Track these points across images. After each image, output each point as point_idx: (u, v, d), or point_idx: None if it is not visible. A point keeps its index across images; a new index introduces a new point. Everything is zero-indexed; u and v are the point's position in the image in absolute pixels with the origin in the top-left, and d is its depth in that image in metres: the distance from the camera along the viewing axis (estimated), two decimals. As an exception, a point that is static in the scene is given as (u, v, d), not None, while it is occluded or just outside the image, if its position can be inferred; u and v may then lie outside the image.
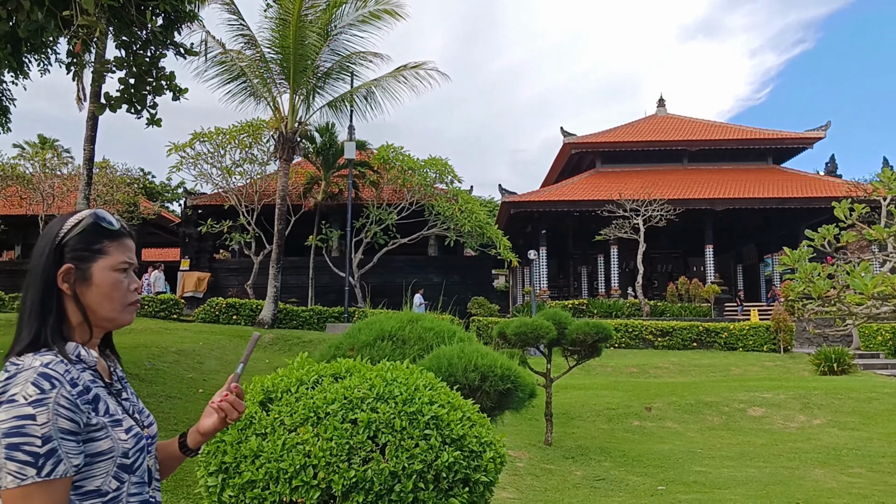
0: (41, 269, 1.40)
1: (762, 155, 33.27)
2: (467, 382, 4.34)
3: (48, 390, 1.27)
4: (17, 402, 1.25)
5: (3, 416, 1.24)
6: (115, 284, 1.45)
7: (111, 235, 1.47)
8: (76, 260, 1.41)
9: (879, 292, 5.04)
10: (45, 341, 1.36)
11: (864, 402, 12.40)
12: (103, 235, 1.46)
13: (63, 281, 1.40)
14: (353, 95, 20.61)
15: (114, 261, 1.46)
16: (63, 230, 1.42)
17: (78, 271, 1.41)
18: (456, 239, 24.94)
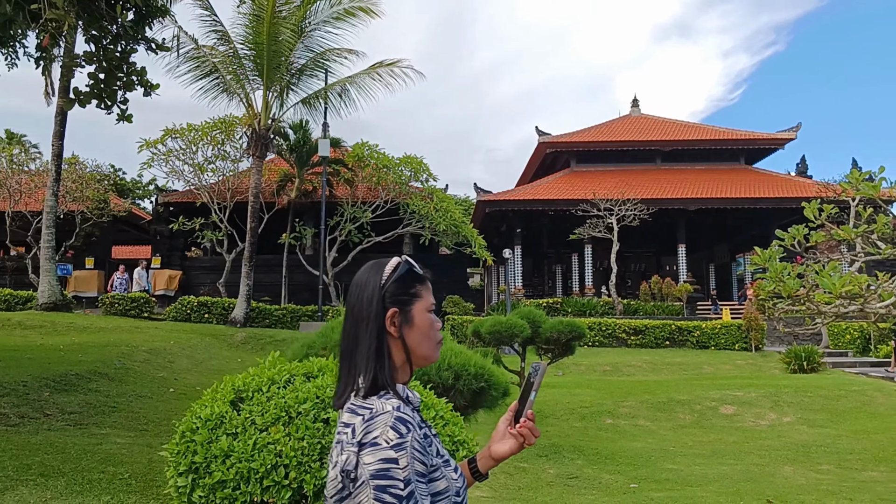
0: (373, 315, 1.50)
1: (734, 155, 33.69)
2: (441, 381, 4.32)
3: (405, 434, 1.34)
4: (381, 445, 1.32)
5: (370, 458, 1.32)
6: (431, 324, 1.56)
7: (421, 279, 1.61)
8: (398, 304, 1.52)
9: (847, 291, 5.12)
10: (383, 384, 1.45)
11: (832, 399, 12.61)
12: (416, 280, 1.59)
13: (391, 324, 1.50)
14: (327, 92, 20.49)
15: (427, 303, 1.58)
16: (383, 278, 1.55)
17: (402, 314, 1.52)
18: (431, 237, 24.92)
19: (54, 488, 4.98)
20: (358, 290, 1.56)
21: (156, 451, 5.99)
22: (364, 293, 1.54)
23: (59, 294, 18.34)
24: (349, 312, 1.55)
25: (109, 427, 7.63)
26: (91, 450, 6.24)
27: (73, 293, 23.09)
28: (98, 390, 9.22)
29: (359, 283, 1.57)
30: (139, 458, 6.12)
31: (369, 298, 1.52)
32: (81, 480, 5.24)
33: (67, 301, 18.97)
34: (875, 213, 6.10)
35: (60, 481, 5.16)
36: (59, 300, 18.01)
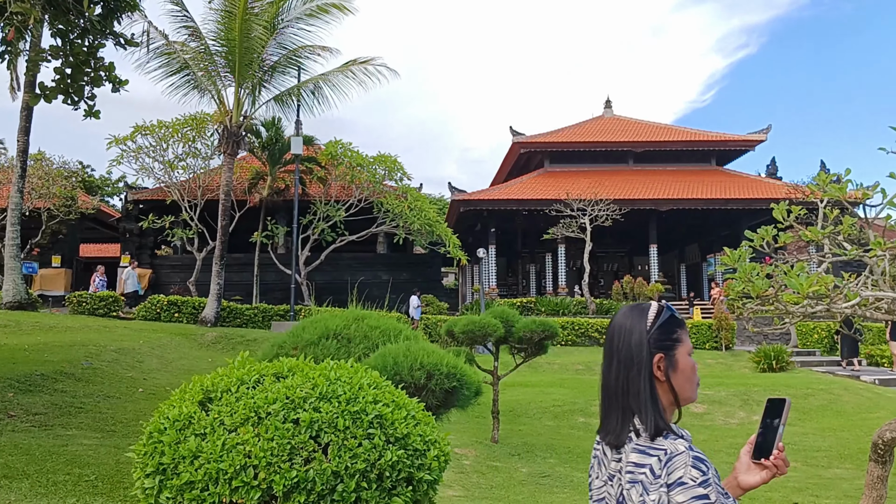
0: (643, 361, 1.61)
1: (706, 156, 34.10)
2: (413, 381, 4.31)
3: (706, 471, 1.48)
4: (689, 483, 1.46)
5: (682, 497, 1.46)
6: (693, 368, 1.66)
7: (681, 324, 1.68)
8: (663, 349, 1.63)
9: (814, 292, 5.20)
10: (664, 426, 1.57)
11: (800, 398, 12.81)
12: (677, 325, 1.67)
13: (657, 369, 1.60)
14: (300, 90, 20.35)
15: (688, 347, 1.67)
16: (648, 323, 1.63)
17: (667, 359, 1.62)
18: (405, 236, 24.90)
19: (18, 490, 4.88)
20: (623, 335, 1.64)
21: (123, 453, 5.90)
22: (631, 338, 1.62)
23: (25, 293, 17.98)
24: (614, 356, 1.64)
25: (76, 428, 7.49)
26: (56, 451, 6.12)
27: (39, 292, 22.68)
28: (64, 391, 9.05)
29: (623, 328, 1.65)
30: (106, 460, 6.01)
31: (637, 344, 1.61)
32: (46, 482, 5.13)
33: (33, 300, 18.62)
34: (841, 215, 6.20)
35: (24, 483, 5.05)
36: (25, 299, 17.66)
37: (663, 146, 33.25)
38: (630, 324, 1.66)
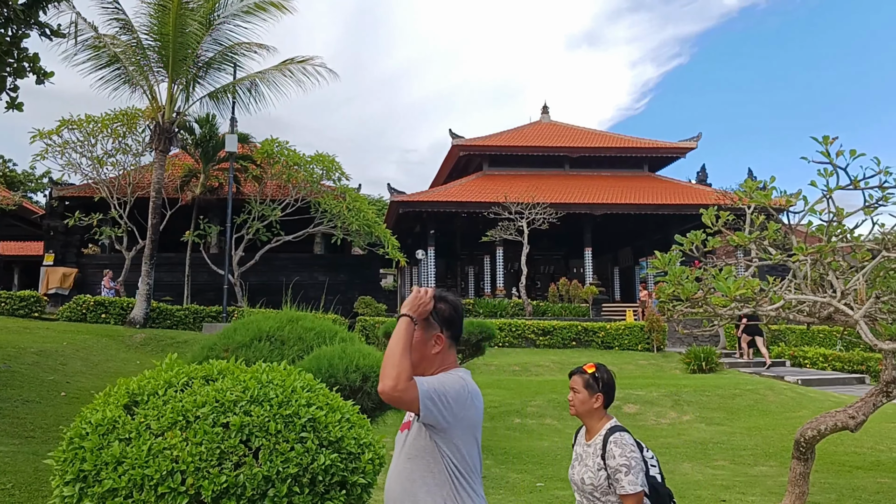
0: None
1: (639, 163, 34.94)
2: (348, 383, 4.25)
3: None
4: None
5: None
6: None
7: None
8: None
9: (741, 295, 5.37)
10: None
11: (728, 398, 13.20)
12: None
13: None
14: (235, 87, 19.91)
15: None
16: None
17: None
18: (343, 237, 24.65)
19: (-76, 503, 4.60)
20: None
21: (42, 460, 5.62)
22: None
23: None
24: None
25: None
26: (-32, 460, 5.80)
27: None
28: (-21, 396, 8.60)
29: None
30: (24, 467, 5.73)
31: None
32: (-44, 493, 4.86)
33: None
34: (767, 221, 6.43)
35: (-69, 495, 4.76)
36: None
37: (598, 152, 33.91)
38: None
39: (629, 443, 3.17)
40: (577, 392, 3.45)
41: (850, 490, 7.19)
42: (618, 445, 3.16)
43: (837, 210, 6.20)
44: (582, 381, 3.46)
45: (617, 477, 3.09)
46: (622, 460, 3.10)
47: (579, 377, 3.49)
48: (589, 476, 3.22)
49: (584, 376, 3.48)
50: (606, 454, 3.16)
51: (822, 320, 6.11)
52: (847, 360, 18.48)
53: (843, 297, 5.75)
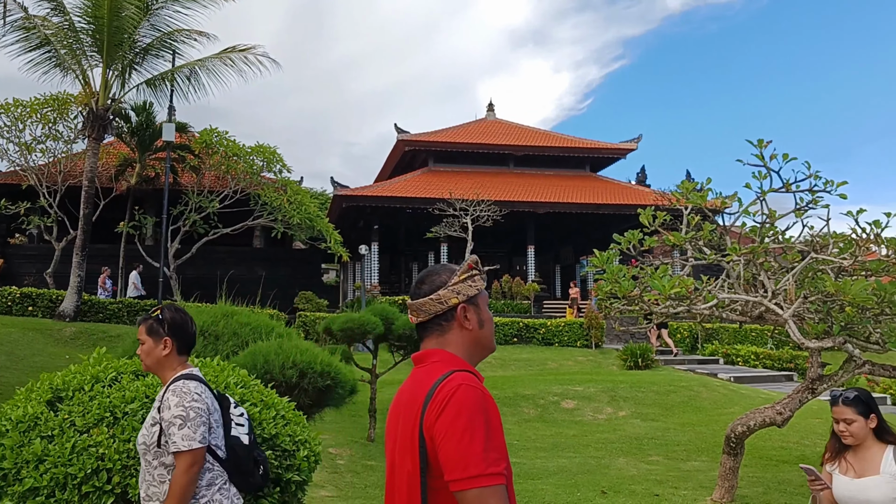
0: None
1: (581, 163, 35.47)
2: (284, 380, 4.17)
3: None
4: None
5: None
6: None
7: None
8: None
9: (676, 293, 5.49)
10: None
11: (663, 394, 13.51)
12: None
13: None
14: (174, 75, 19.32)
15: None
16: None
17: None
18: (284, 231, 24.24)
19: None
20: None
21: (-42, 460, 5.34)
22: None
23: None
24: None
25: None
26: None
27: None
28: None
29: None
30: (-63, 468, 5.43)
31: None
32: None
33: None
34: (702, 222, 6.59)
35: None
36: None
37: (542, 151, 34.30)
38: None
39: (192, 391, 2.63)
40: (141, 342, 2.81)
41: (776, 483, 7.44)
42: (176, 394, 2.61)
43: (770, 212, 6.40)
44: (146, 327, 2.78)
45: (170, 431, 2.54)
46: (178, 410, 2.56)
47: (143, 324, 2.80)
48: (143, 433, 2.69)
49: (147, 322, 2.79)
50: (162, 405, 2.62)
51: (753, 319, 6.30)
52: (777, 358, 19.15)
53: (773, 296, 5.93)
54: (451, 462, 1.52)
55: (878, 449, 3.31)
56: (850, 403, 3.37)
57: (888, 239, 6.24)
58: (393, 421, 1.78)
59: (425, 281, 1.81)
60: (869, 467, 3.29)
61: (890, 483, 3.19)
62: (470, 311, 1.78)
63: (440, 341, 1.78)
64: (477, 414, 1.57)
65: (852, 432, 3.34)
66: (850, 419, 3.35)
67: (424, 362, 1.75)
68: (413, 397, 1.69)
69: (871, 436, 3.35)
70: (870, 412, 3.36)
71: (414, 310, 1.79)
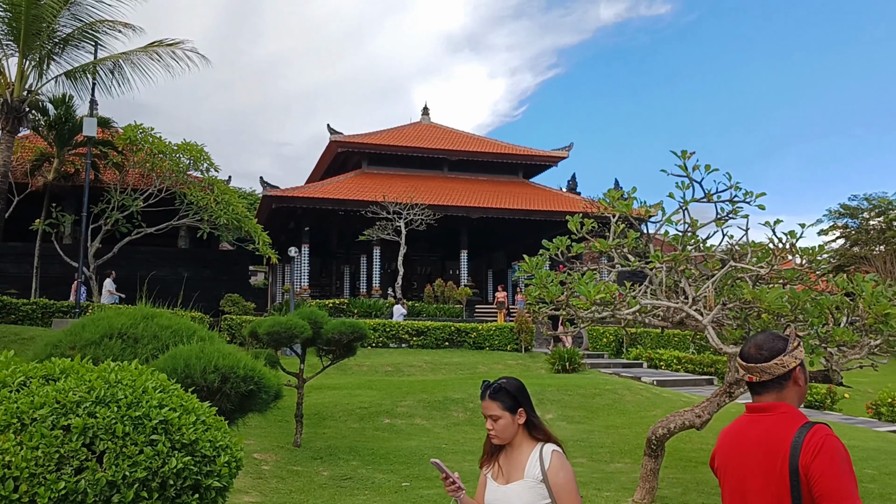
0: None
1: (514, 169, 35.95)
2: (206, 384, 4.05)
3: None
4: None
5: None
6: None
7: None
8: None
9: (601, 298, 5.62)
10: None
11: (589, 397, 13.79)
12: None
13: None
14: (96, 67, 18.58)
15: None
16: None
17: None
18: (210, 231, 23.63)
19: None
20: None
21: None
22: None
23: None
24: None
25: None
26: None
27: None
28: None
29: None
30: None
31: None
32: None
33: None
34: (627, 229, 6.76)
35: None
36: None
37: (476, 156, 34.60)
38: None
39: None
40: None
41: (694, 484, 7.69)
42: None
43: (692, 221, 6.62)
44: None
45: None
46: None
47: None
48: None
49: None
50: None
51: (674, 324, 6.50)
52: (698, 363, 19.82)
53: (693, 303, 6.13)
54: (831, 494, 1.99)
55: (529, 448, 2.82)
56: (494, 397, 2.84)
57: (803, 249, 6.55)
58: (740, 456, 2.26)
59: (763, 348, 2.24)
60: (516, 470, 2.80)
61: (534, 488, 2.72)
62: (802, 371, 2.25)
63: (779, 396, 2.23)
64: (846, 459, 2.05)
65: (497, 430, 2.83)
66: (495, 415, 2.83)
67: (771, 412, 2.21)
68: (772, 440, 2.15)
69: (522, 433, 2.85)
70: (517, 406, 2.83)
71: (757, 371, 2.23)
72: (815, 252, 6.58)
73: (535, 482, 2.73)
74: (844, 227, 54.73)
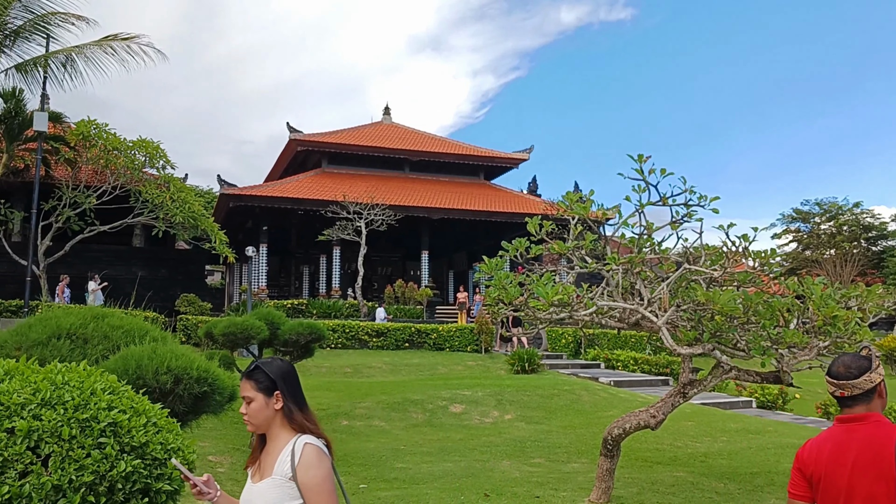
0: None
1: (475, 170, 36.07)
2: (158, 386, 3.97)
3: None
4: None
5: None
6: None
7: None
8: None
9: (559, 300, 5.66)
10: None
11: (547, 398, 13.89)
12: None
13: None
14: (48, 61, 18.08)
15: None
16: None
17: None
18: (166, 230, 23.19)
19: None
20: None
21: None
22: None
23: None
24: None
25: None
26: None
27: None
28: None
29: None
30: None
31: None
32: None
33: None
34: (585, 232, 6.83)
35: None
36: None
37: (438, 157, 34.62)
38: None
39: None
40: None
41: (649, 484, 7.79)
42: None
43: (648, 224, 6.72)
44: None
45: None
46: None
47: None
48: None
49: None
50: None
51: (630, 326, 6.58)
52: (654, 363, 20.12)
53: (649, 304, 6.22)
54: None
55: (286, 441, 2.47)
56: (250, 375, 2.51)
57: (756, 252, 6.69)
58: (843, 462, 2.54)
59: (852, 367, 2.59)
60: (269, 466, 2.47)
61: (281, 487, 2.39)
62: (884, 385, 2.62)
63: (868, 407, 2.57)
64: None
65: (250, 414, 2.49)
66: (248, 396, 2.50)
67: (864, 422, 2.55)
68: (874, 445, 2.48)
69: (281, 423, 2.50)
70: (275, 388, 2.48)
71: (849, 387, 2.56)
72: (768, 255, 6.73)
73: (284, 479, 2.39)
74: (797, 231, 56.30)
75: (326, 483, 2.40)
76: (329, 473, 2.43)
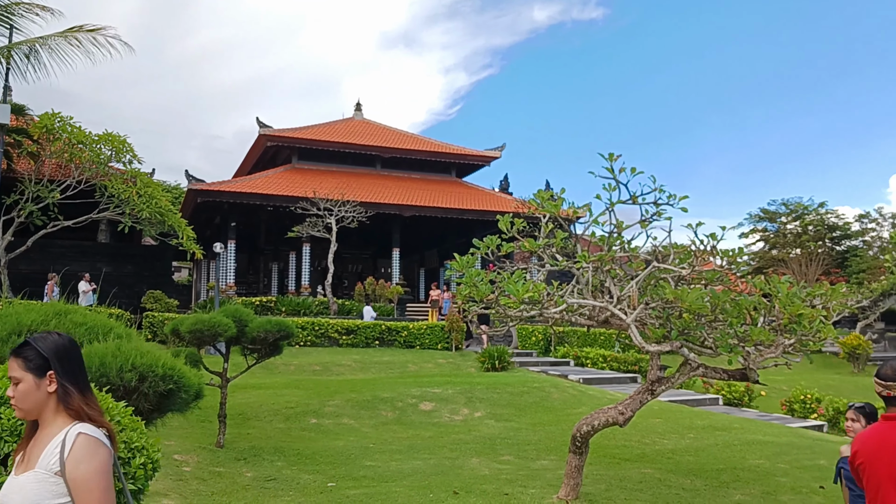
0: None
1: (447, 168, 36.06)
2: (122, 383, 3.88)
3: None
4: None
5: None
6: None
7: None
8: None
9: (529, 297, 5.67)
10: None
11: (517, 395, 13.94)
12: None
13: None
14: (10, 52, 17.65)
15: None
16: None
17: None
18: (132, 225, 22.78)
19: None
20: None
21: None
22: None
23: None
24: None
25: None
26: None
27: None
28: None
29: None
30: None
31: None
32: None
33: None
34: (556, 230, 6.85)
35: None
36: None
37: (410, 154, 34.53)
38: None
39: None
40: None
41: (618, 480, 7.86)
42: None
43: (618, 223, 6.76)
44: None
45: None
46: None
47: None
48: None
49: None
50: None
51: (600, 323, 6.62)
52: (623, 361, 20.32)
53: (618, 302, 6.26)
54: None
55: (59, 430, 2.16)
56: (19, 352, 2.21)
57: (723, 251, 6.77)
58: (887, 454, 2.89)
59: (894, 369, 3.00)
60: (35, 457, 2.15)
61: (44, 482, 2.08)
62: None
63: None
64: None
65: (17, 399, 2.18)
66: (15, 377, 2.19)
67: None
68: None
69: (56, 409, 2.19)
70: (48, 367, 2.18)
71: (893, 388, 2.96)
72: (735, 254, 6.82)
73: (49, 474, 2.08)
74: (764, 230, 57.28)
75: (99, 479, 2.08)
76: (104, 468, 2.11)
